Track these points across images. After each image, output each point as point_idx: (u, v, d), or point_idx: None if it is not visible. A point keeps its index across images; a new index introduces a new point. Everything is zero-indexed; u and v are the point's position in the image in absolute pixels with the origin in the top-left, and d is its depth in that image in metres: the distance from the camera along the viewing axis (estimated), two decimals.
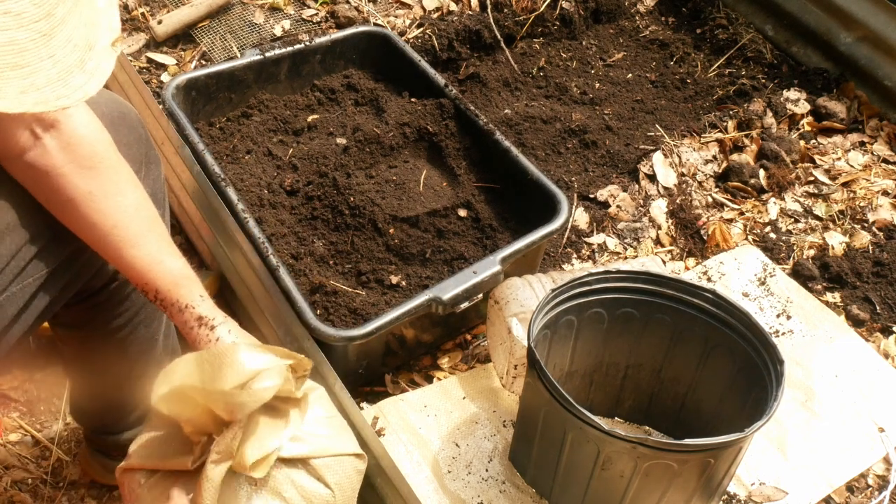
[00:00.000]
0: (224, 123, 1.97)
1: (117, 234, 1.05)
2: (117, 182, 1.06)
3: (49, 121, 1.01)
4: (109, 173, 1.06)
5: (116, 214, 1.05)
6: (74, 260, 1.09)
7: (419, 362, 1.74)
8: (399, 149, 1.91)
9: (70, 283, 1.12)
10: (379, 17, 2.41)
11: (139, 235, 1.06)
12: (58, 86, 0.71)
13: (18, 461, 1.53)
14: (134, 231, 1.06)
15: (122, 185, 1.07)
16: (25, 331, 1.07)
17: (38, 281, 1.05)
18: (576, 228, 2.00)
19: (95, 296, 1.19)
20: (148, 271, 1.06)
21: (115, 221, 1.05)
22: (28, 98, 0.68)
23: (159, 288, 1.07)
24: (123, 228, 1.05)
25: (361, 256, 1.72)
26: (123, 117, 1.16)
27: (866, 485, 1.60)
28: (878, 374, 1.76)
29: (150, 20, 2.27)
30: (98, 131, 1.06)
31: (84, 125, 1.04)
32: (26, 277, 1.03)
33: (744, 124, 2.27)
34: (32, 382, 1.64)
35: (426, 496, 1.49)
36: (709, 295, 1.43)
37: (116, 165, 1.07)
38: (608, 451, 1.27)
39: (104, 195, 1.04)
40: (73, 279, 1.12)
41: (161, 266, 1.07)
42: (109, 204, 1.05)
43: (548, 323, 1.42)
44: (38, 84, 0.69)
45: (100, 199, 1.04)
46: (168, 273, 1.07)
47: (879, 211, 2.12)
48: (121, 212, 1.05)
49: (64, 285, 1.10)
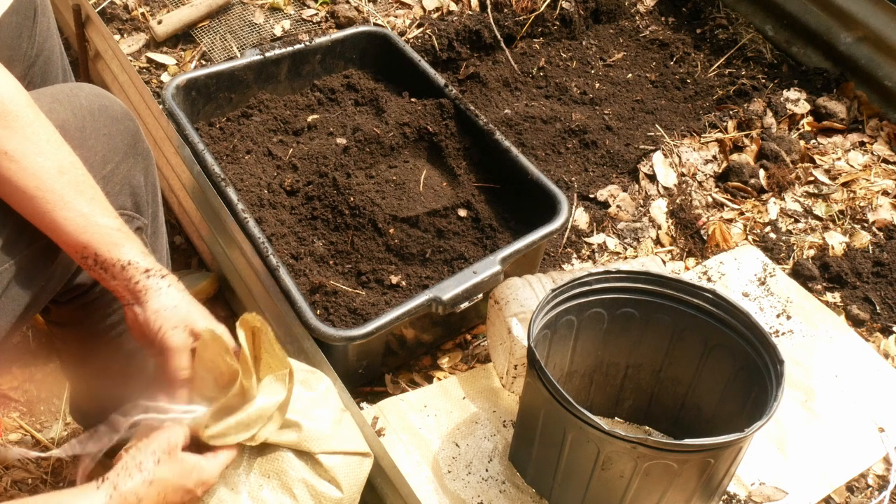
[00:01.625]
0: (224, 123, 1.97)
1: (42, 196, 0.99)
2: (37, 142, 1.01)
3: None
4: (27, 132, 1.01)
5: (39, 174, 1.00)
6: (42, 255, 1.06)
7: (419, 362, 1.74)
8: (399, 149, 1.91)
9: (46, 281, 1.08)
10: (379, 17, 2.41)
11: (68, 197, 1.01)
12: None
13: (18, 461, 1.53)
14: (60, 193, 1.00)
15: (43, 145, 1.02)
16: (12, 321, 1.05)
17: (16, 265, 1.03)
18: (576, 228, 2.00)
19: (86, 294, 1.19)
20: (82, 233, 1.01)
21: (38, 183, 0.99)
22: None
23: (98, 250, 1.02)
24: (49, 191, 1.00)
25: (361, 256, 1.72)
26: (105, 109, 1.14)
27: (866, 485, 1.60)
28: (878, 374, 1.76)
29: (150, 20, 2.27)
30: (14, 90, 1.01)
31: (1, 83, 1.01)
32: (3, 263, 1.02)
33: (744, 124, 2.27)
34: (32, 382, 1.64)
35: (426, 496, 1.48)
36: (709, 295, 1.43)
37: (35, 124, 1.02)
38: (608, 451, 1.27)
39: (22, 155, 0.99)
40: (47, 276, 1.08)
41: (96, 227, 1.02)
42: (29, 163, 0.99)
43: (548, 323, 1.42)
44: None
45: (18, 158, 0.99)
46: (105, 233, 1.02)
47: (879, 211, 2.12)
48: (44, 171, 1.00)
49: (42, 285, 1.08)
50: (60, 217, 1.00)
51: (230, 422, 1.03)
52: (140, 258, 1.04)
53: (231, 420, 1.03)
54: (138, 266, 1.04)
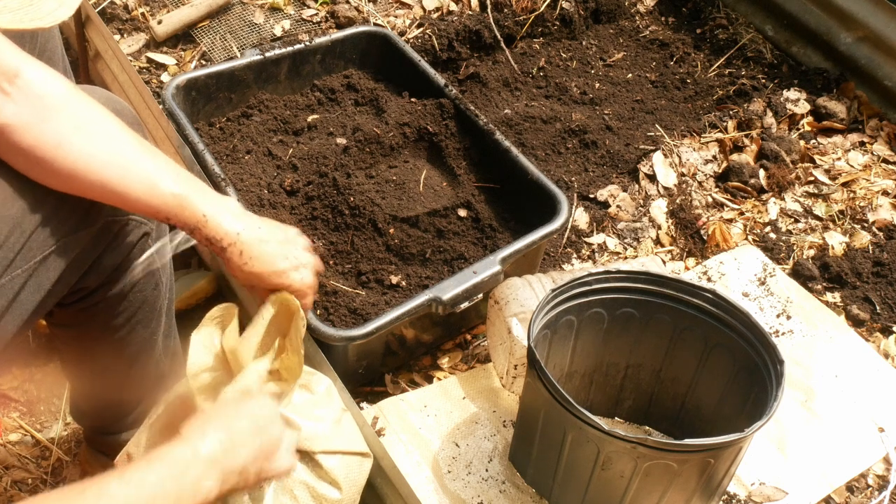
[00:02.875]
0: (224, 123, 1.97)
1: (114, 163, 1.02)
2: (96, 113, 1.04)
3: (11, 72, 0.98)
4: (84, 106, 1.03)
5: (107, 142, 1.02)
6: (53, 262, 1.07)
7: (419, 362, 1.74)
8: (399, 149, 1.91)
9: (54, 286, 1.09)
10: (379, 17, 2.41)
11: (133, 160, 1.04)
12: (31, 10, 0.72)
13: (18, 461, 1.53)
14: (128, 156, 1.03)
15: (102, 114, 1.04)
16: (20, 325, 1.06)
17: (28, 272, 1.03)
18: (576, 228, 2.00)
19: (91, 296, 1.19)
20: (150, 198, 1.04)
21: (109, 150, 1.02)
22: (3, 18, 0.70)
23: (169, 215, 1.06)
24: (118, 155, 1.02)
25: (361, 256, 1.72)
26: (118, 114, 1.15)
27: (866, 485, 1.60)
28: (878, 374, 1.76)
29: (150, 20, 2.27)
30: (56, 74, 1.03)
31: (41, 70, 1.02)
32: (14, 269, 1.02)
33: (744, 124, 2.27)
34: (32, 382, 1.64)
35: (426, 496, 1.48)
36: (709, 295, 1.43)
37: (88, 99, 1.04)
38: (608, 451, 1.27)
39: (89, 128, 1.01)
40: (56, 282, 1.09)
41: (160, 190, 1.05)
42: (97, 134, 1.02)
43: (548, 323, 1.42)
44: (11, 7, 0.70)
45: (86, 132, 1.01)
46: (169, 197, 1.05)
47: (879, 211, 2.12)
48: (111, 138, 1.03)
49: (58, 277, 1.08)
50: (129, 183, 1.03)
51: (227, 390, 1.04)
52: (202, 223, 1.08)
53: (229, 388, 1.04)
54: (202, 233, 1.08)
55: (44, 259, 1.04)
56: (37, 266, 1.04)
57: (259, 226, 1.14)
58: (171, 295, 1.32)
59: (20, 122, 0.98)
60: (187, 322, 1.31)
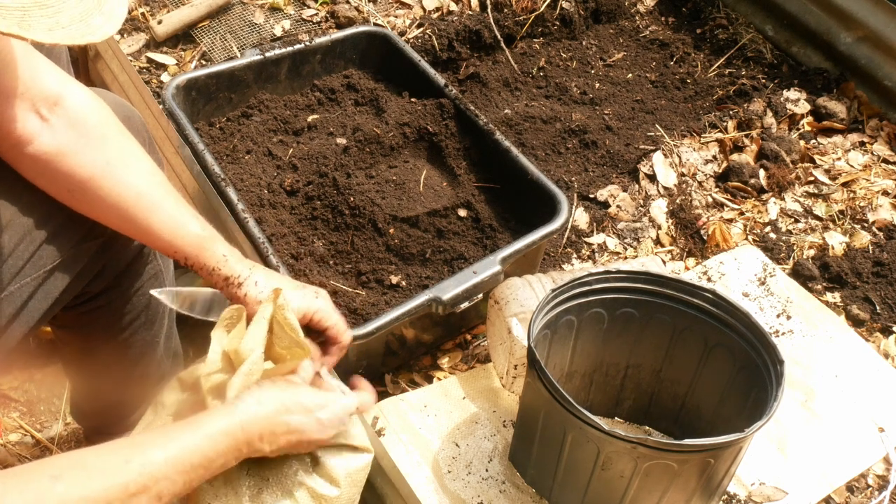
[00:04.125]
0: (224, 123, 1.97)
1: (143, 202, 1.05)
2: (130, 148, 1.06)
3: (52, 99, 1.00)
4: (120, 140, 1.06)
5: (138, 180, 1.05)
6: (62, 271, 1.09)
7: (419, 362, 1.74)
8: (399, 149, 1.91)
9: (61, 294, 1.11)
10: (379, 17, 2.41)
11: (161, 200, 1.07)
12: (81, 25, 0.74)
13: (18, 461, 1.53)
14: (156, 195, 1.06)
15: (136, 149, 1.07)
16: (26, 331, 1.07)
17: (37, 281, 1.05)
18: (576, 228, 2.00)
19: (95, 299, 1.19)
20: (174, 238, 1.07)
21: (138, 189, 1.05)
22: (56, 34, 0.71)
23: (187, 255, 1.09)
24: (146, 195, 1.05)
25: (361, 256, 1.72)
26: (128, 120, 1.16)
27: (866, 485, 1.60)
28: (878, 374, 1.76)
29: (150, 20, 2.27)
30: (97, 101, 1.05)
31: (83, 96, 1.04)
32: (24, 277, 1.03)
33: (744, 124, 2.27)
34: (32, 382, 1.64)
35: (426, 496, 1.48)
36: (709, 295, 1.43)
37: (124, 132, 1.07)
38: (608, 451, 1.27)
39: (122, 163, 1.04)
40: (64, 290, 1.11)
41: (185, 231, 1.08)
42: (130, 171, 1.04)
43: (548, 323, 1.41)
44: (62, 23, 0.72)
45: (118, 167, 1.03)
46: (192, 238, 1.08)
47: (879, 211, 2.12)
48: (141, 177, 1.05)
49: (65, 286, 1.10)
50: (156, 222, 1.06)
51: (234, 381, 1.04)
52: (222, 263, 1.10)
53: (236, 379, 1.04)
54: (220, 273, 1.11)
55: (53, 269, 1.06)
56: (46, 276, 1.06)
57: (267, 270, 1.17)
58: None
59: (55, 151, 1.01)
60: (188, 322, 1.31)
